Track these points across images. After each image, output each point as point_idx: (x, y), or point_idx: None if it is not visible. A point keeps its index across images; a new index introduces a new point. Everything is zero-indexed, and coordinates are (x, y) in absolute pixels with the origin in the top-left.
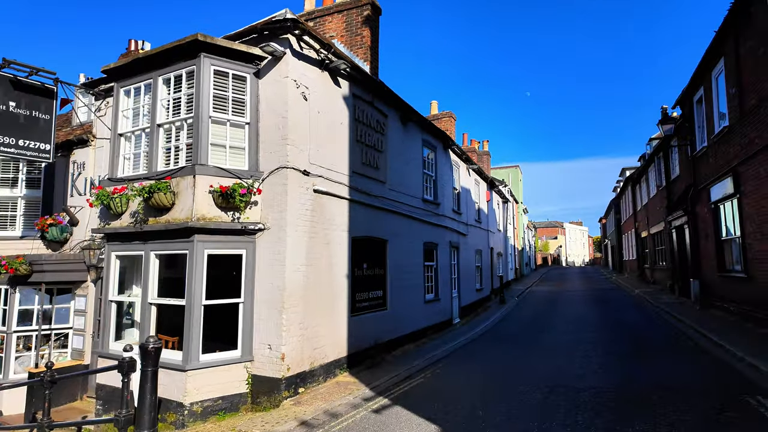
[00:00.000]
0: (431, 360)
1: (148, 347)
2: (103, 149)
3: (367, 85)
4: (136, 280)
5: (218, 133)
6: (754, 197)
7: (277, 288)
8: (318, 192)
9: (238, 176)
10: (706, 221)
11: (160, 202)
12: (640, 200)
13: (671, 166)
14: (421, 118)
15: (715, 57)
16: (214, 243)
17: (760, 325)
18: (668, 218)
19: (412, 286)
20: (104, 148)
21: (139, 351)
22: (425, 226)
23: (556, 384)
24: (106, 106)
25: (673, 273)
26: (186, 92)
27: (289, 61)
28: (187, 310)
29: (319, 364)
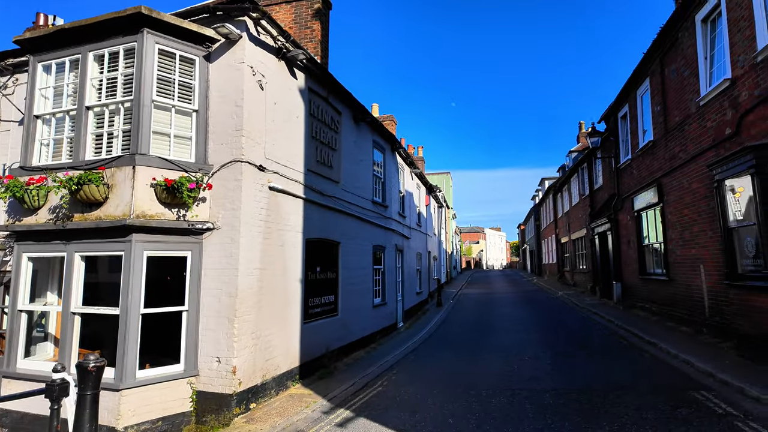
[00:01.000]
0: (384, 367)
1: (88, 366)
2: (9, 133)
3: (323, 79)
4: (50, 286)
5: (161, 119)
6: (676, 206)
7: (228, 294)
8: (273, 190)
9: (185, 169)
10: (629, 228)
11: (90, 196)
12: (561, 208)
13: (594, 176)
14: (373, 119)
15: (641, 77)
16: (155, 243)
17: (680, 323)
18: (591, 225)
19: (362, 290)
20: (11, 132)
21: (76, 371)
22: (375, 229)
23: (518, 387)
24: (15, 83)
25: (593, 276)
26: (124, 72)
27: (246, 46)
28: (121, 319)
29: (271, 376)
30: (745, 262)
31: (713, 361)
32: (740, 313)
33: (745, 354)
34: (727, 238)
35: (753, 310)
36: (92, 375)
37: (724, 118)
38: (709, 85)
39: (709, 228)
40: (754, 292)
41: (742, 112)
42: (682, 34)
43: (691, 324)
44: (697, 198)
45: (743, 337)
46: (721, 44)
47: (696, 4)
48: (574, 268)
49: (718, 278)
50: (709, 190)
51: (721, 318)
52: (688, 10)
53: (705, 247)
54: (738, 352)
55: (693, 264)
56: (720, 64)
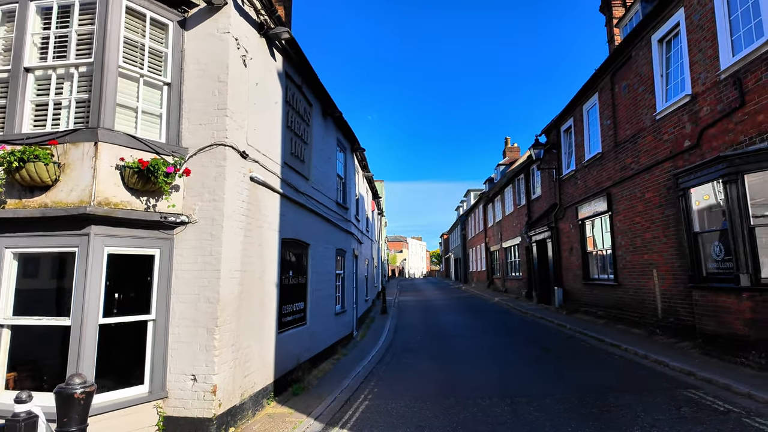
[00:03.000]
0: (359, 379)
1: (74, 392)
2: None
3: (299, 66)
4: None
5: (126, 90)
6: (627, 214)
7: (207, 300)
8: (254, 181)
9: (156, 150)
10: (572, 236)
11: (36, 177)
12: (492, 218)
13: (532, 187)
14: (339, 115)
15: (589, 93)
16: (117, 239)
17: (631, 325)
18: (529, 233)
19: (326, 296)
20: None
21: (56, 399)
22: (338, 232)
23: (512, 393)
24: None
25: (528, 282)
26: (79, 30)
27: (231, 14)
28: (74, 332)
29: (249, 394)
30: (710, 265)
31: (685, 361)
32: (706, 313)
33: (711, 352)
34: (692, 243)
35: (720, 310)
36: (79, 404)
37: (682, 131)
38: (665, 101)
39: (663, 234)
40: (722, 294)
41: (703, 125)
42: (636, 53)
43: (642, 326)
44: (650, 206)
45: (709, 337)
46: (679, 62)
47: (653, 26)
48: (506, 275)
49: (673, 282)
50: (665, 199)
51: (676, 319)
52: (644, 30)
53: (658, 252)
54: (702, 350)
55: (645, 269)
56: (677, 81)
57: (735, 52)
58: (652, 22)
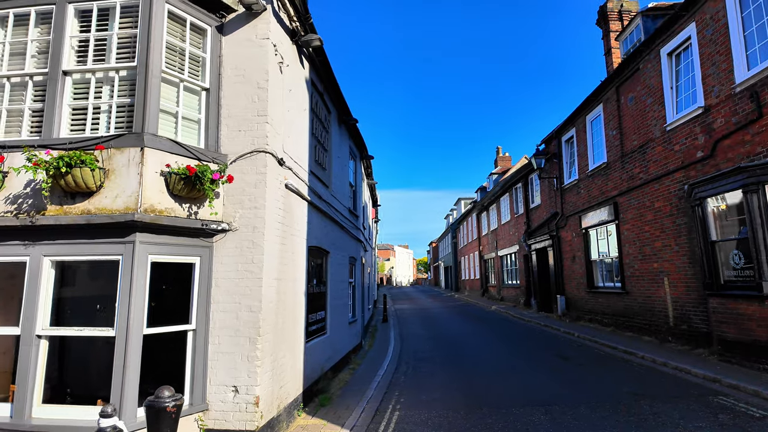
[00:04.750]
0: (381, 389)
1: (166, 405)
2: None
3: (322, 73)
4: None
5: (167, 95)
6: (635, 223)
7: (249, 309)
8: (288, 188)
9: (197, 156)
10: (574, 244)
11: (81, 183)
12: (486, 226)
13: (531, 195)
14: (354, 123)
15: (593, 104)
16: (159, 246)
17: (640, 333)
18: (528, 241)
19: (342, 305)
20: None
21: (146, 412)
22: (351, 239)
23: (544, 402)
24: None
25: (527, 291)
26: (120, 33)
27: (270, 20)
28: (118, 342)
29: (283, 405)
30: (728, 273)
31: (706, 367)
32: (725, 321)
33: (731, 359)
34: (709, 251)
35: (741, 317)
36: (170, 417)
37: (695, 142)
38: (676, 113)
39: (674, 243)
40: (742, 301)
41: (717, 137)
42: (644, 65)
43: (652, 333)
44: (660, 215)
45: (729, 344)
46: (690, 75)
47: (662, 40)
48: (502, 284)
49: (685, 289)
50: (676, 208)
51: (689, 326)
52: (653, 44)
53: (669, 261)
54: (721, 357)
55: (655, 277)
56: (689, 93)
57: (750, 67)
58: (661, 36)
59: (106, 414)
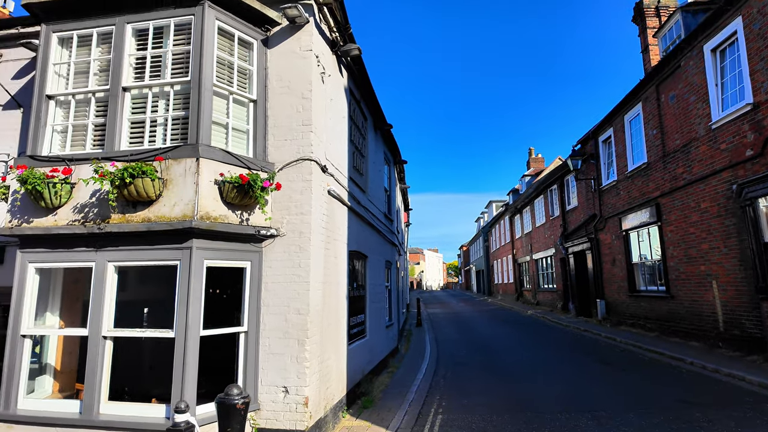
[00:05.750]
0: (421, 393)
1: (235, 402)
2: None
3: (359, 81)
4: (50, 306)
5: (218, 108)
6: (680, 225)
7: (297, 311)
8: (331, 194)
9: (247, 166)
10: (614, 247)
11: (142, 192)
12: (520, 229)
13: (567, 197)
14: (389, 129)
15: (631, 102)
16: (214, 251)
17: (686, 338)
18: (565, 244)
19: (379, 309)
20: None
21: (217, 408)
22: (386, 243)
23: (590, 408)
24: None
25: (565, 295)
26: (174, 50)
27: (313, 33)
28: (177, 344)
29: (330, 407)
30: None
31: (761, 374)
32: None
33: None
34: (762, 253)
35: None
36: (240, 414)
37: (743, 140)
38: (722, 110)
39: (722, 245)
40: None
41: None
42: (686, 62)
43: (700, 339)
44: (707, 216)
45: None
46: (736, 71)
47: (705, 35)
48: (537, 288)
49: (735, 293)
50: (724, 209)
51: (741, 331)
52: (695, 40)
53: (718, 263)
54: None
55: (702, 280)
56: (735, 90)
57: None
58: (704, 31)
59: (180, 410)
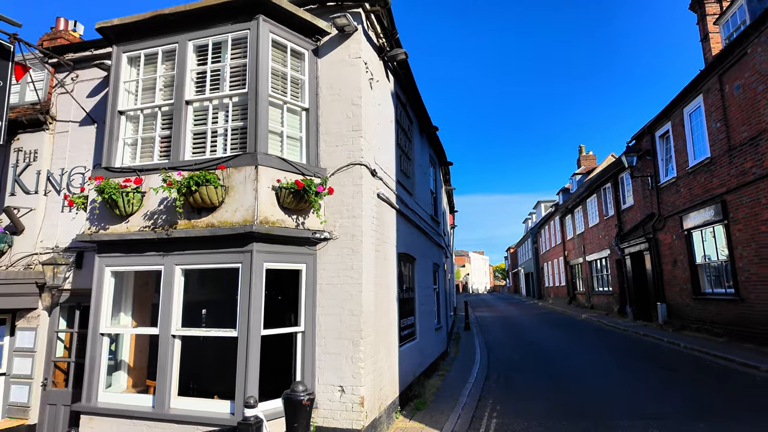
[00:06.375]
0: (474, 396)
1: (301, 399)
2: (67, 135)
3: (405, 85)
4: (123, 306)
5: (273, 117)
6: (750, 223)
7: (351, 312)
8: (380, 198)
9: (301, 172)
10: (675, 247)
11: (206, 199)
12: (571, 229)
13: (622, 196)
14: (434, 131)
15: (690, 95)
16: (273, 254)
17: (762, 344)
18: (621, 245)
19: (428, 312)
20: (68, 133)
21: (284, 404)
22: (433, 246)
23: (655, 416)
24: (74, 80)
25: (621, 297)
26: (232, 63)
27: (362, 40)
28: (240, 343)
29: (384, 407)
30: None
31: None
32: None
33: None
34: None
35: None
36: (305, 410)
37: None
38: None
39: None
40: None
41: None
42: (752, 49)
43: None
44: None
45: None
46: None
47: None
48: (591, 290)
49: None
50: None
51: None
52: (762, 25)
53: None
54: None
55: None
56: None
57: None
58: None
59: (249, 405)
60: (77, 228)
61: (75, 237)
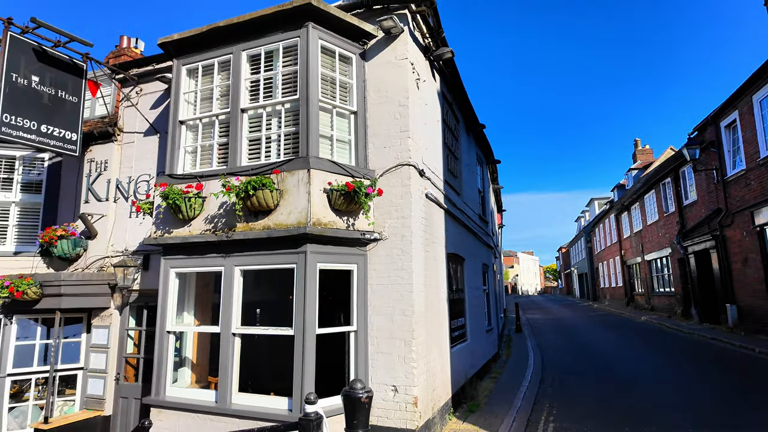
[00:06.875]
0: (528, 400)
1: (360, 396)
2: (133, 145)
3: (451, 84)
4: (186, 306)
5: (323, 122)
6: None
7: (403, 312)
8: (428, 198)
9: (350, 174)
10: (744, 245)
11: (263, 202)
12: (628, 227)
13: (684, 191)
14: (481, 129)
15: (759, 82)
16: (325, 255)
17: None
18: (684, 243)
19: (478, 313)
20: (134, 143)
21: (343, 401)
22: (482, 246)
23: (730, 425)
24: (139, 94)
25: (685, 299)
26: (283, 71)
27: (408, 41)
28: (297, 341)
29: (437, 408)
30: None
31: None
32: None
33: None
34: None
35: None
36: (364, 408)
37: None
38: None
39: None
40: None
41: None
42: None
43: None
44: None
45: None
46: None
47: None
48: (651, 291)
49: None
50: None
51: None
52: None
53: None
54: None
55: None
56: None
57: None
58: None
59: (310, 401)
60: (144, 232)
61: (142, 240)
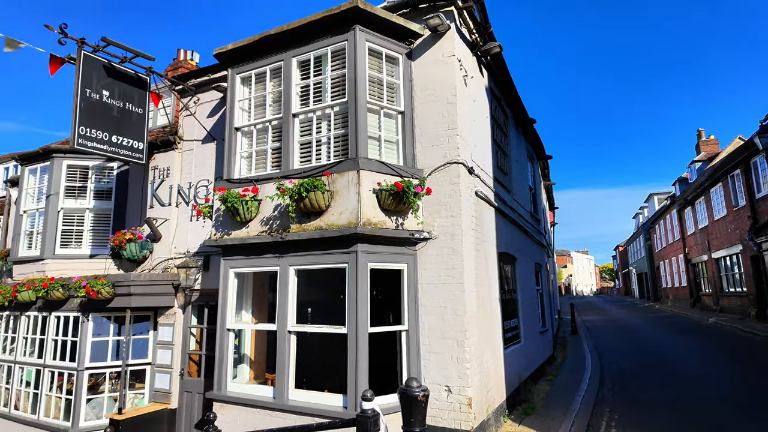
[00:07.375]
0: (587, 404)
1: (417, 394)
2: (192, 152)
3: (499, 79)
4: (244, 304)
5: (371, 123)
6: None
7: (454, 312)
8: (478, 196)
9: (399, 173)
10: None
11: (315, 204)
12: (692, 224)
13: (757, 184)
14: (531, 124)
15: None
16: (376, 255)
17: None
18: (757, 239)
19: (532, 313)
20: (193, 150)
21: (400, 399)
22: (534, 245)
23: None
24: (196, 103)
25: (759, 299)
26: (332, 75)
27: (455, 38)
28: (350, 340)
29: (491, 410)
30: None
31: None
32: None
33: None
34: None
35: None
36: (421, 406)
37: None
38: None
39: None
40: None
41: None
42: None
43: None
44: None
45: None
46: None
47: None
48: (720, 291)
49: None
50: None
51: None
52: None
53: None
54: None
55: None
56: None
57: None
58: None
59: (367, 398)
60: (204, 234)
61: (202, 242)
